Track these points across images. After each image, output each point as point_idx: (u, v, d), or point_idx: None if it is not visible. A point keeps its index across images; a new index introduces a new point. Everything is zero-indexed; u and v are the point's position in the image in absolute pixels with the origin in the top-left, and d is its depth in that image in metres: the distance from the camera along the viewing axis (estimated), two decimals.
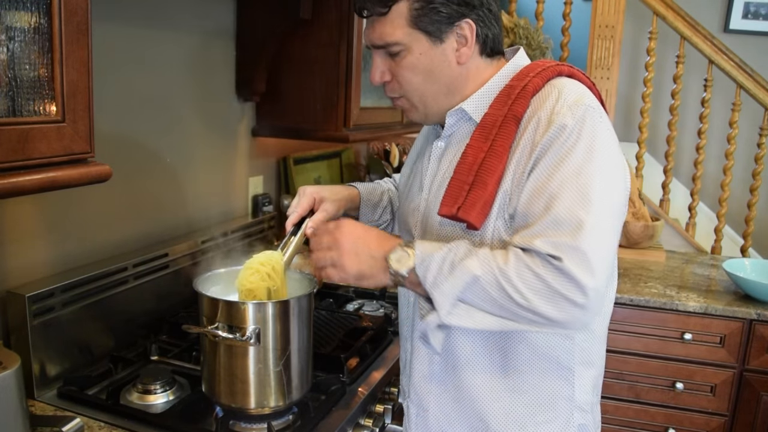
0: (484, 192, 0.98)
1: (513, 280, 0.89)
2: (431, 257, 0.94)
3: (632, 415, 2.29)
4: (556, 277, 0.88)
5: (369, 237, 1.00)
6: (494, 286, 0.90)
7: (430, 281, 0.93)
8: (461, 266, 0.91)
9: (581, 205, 0.90)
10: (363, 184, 1.35)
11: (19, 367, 1.01)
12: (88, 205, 1.43)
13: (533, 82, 1.01)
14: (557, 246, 0.88)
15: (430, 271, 0.93)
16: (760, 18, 3.60)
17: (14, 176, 0.80)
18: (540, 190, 0.93)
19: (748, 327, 2.15)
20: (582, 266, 0.87)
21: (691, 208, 3.11)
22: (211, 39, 1.78)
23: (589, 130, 0.94)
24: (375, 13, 1.03)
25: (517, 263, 0.90)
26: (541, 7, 3.04)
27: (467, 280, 0.91)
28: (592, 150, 0.93)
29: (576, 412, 1.10)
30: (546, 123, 0.96)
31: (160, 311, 1.58)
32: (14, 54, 0.80)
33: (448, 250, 0.93)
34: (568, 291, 0.88)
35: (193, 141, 1.77)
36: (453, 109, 1.08)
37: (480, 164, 0.99)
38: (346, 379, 1.39)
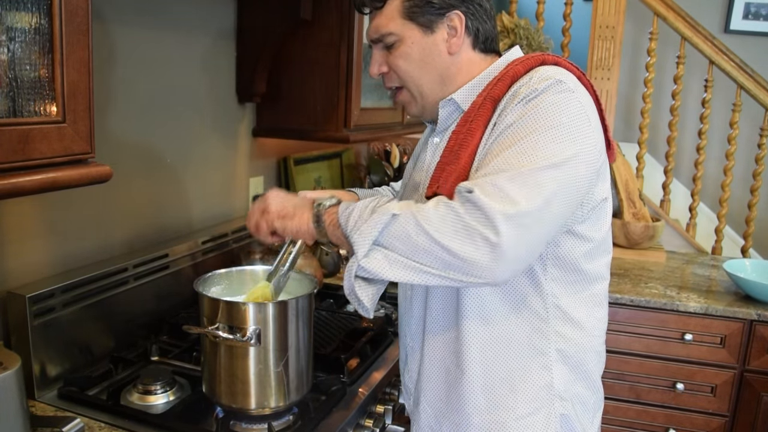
0: (457, 166, 1.00)
1: (428, 214, 0.88)
2: (354, 206, 0.97)
3: (633, 416, 2.29)
4: (467, 209, 0.86)
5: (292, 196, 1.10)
6: (411, 222, 0.89)
7: (351, 225, 0.94)
8: (381, 209, 0.93)
9: (517, 157, 0.89)
10: (363, 191, 1.37)
11: (19, 367, 1.01)
12: (88, 205, 1.43)
13: (515, 69, 1.05)
14: (475, 183, 0.88)
15: (352, 216, 0.95)
16: (761, 18, 3.59)
17: (15, 177, 0.80)
18: (489, 151, 0.96)
19: (749, 327, 2.14)
20: (496, 197, 0.85)
21: (691, 208, 3.11)
22: (211, 39, 1.78)
23: (553, 98, 0.95)
24: (372, 7, 1.11)
25: (436, 204, 0.91)
26: (542, 7, 3.04)
27: (385, 220, 0.90)
28: (549, 115, 0.93)
29: (557, 402, 1.09)
30: (514, 96, 1.00)
31: (161, 312, 1.58)
32: (15, 54, 0.80)
33: (371, 201, 0.97)
34: (479, 223, 0.85)
35: (193, 141, 1.77)
36: (444, 99, 1.12)
37: (459, 144, 1.03)
38: (347, 380, 1.39)
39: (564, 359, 1.09)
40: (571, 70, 1.06)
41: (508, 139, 0.94)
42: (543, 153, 0.90)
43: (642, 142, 3.09)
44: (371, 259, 0.91)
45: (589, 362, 1.14)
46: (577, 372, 1.11)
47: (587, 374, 1.14)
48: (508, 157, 0.90)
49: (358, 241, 0.91)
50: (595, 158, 0.97)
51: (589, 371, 1.14)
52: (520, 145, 0.91)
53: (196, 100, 1.76)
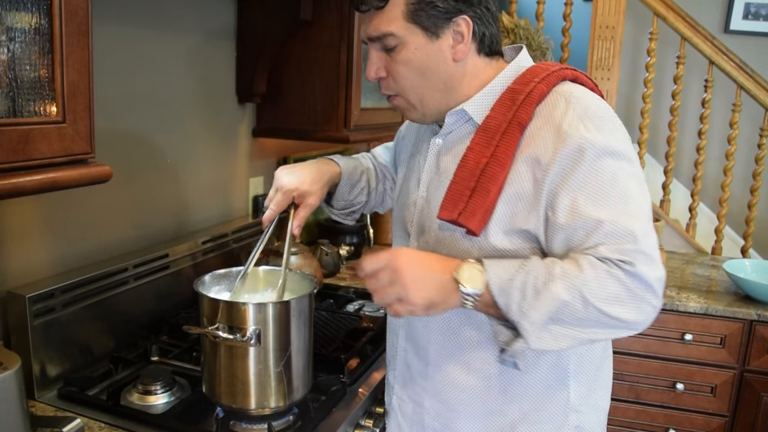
0: (486, 200, 0.97)
1: (596, 292, 0.89)
2: (511, 283, 0.92)
3: (633, 416, 2.29)
4: (634, 282, 0.90)
5: (430, 260, 0.96)
6: (580, 303, 0.90)
7: (515, 310, 0.91)
8: (546, 292, 0.90)
9: (626, 213, 0.92)
10: (343, 159, 1.31)
11: (19, 367, 1.01)
12: (88, 205, 1.43)
13: (538, 88, 1.00)
14: (624, 252, 0.90)
15: (513, 299, 0.91)
16: (761, 18, 3.59)
17: (15, 177, 0.80)
18: (582, 204, 0.93)
19: (749, 328, 2.14)
20: (650, 266, 0.91)
21: (691, 208, 3.11)
22: (211, 40, 1.78)
23: (605, 139, 0.94)
24: (372, 6, 1.02)
25: (594, 271, 0.90)
26: (542, 7, 3.04)
27: (556, 306, 0.90)
28: (615, 155, 0.94)
29: (572, 414, 1.09)
30: (555, 136, 0.95)
31: (161, 312, 1.58)
32: (15, 55, 0.80)
33: (526, 274, 0.91)
34: (645, 294, 0.91)
35: (193, 141, 1.77)
36: (454, 109, 1.07)
37: (482, 170, 0.98)
38: (347, 380, 1.39)
39: (583, 371, 1.09)
40: (587, 84, 1.06)
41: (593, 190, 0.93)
42: (639, 203, 0.94)
43: (642, 142, 3.09)
44: (541, 341, 0.92)
45: (606, 367, 1.16)
46: (595, 378, 1.12)
47: (604, 379, 1.16)
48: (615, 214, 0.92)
49: (529, 328, 0.91)
50: None
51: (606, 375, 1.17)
52: (616, 197, 0.92)
53: (196, 100, 1.76)
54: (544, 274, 0.91)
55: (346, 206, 1.33)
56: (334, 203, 1.32)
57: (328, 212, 1.36)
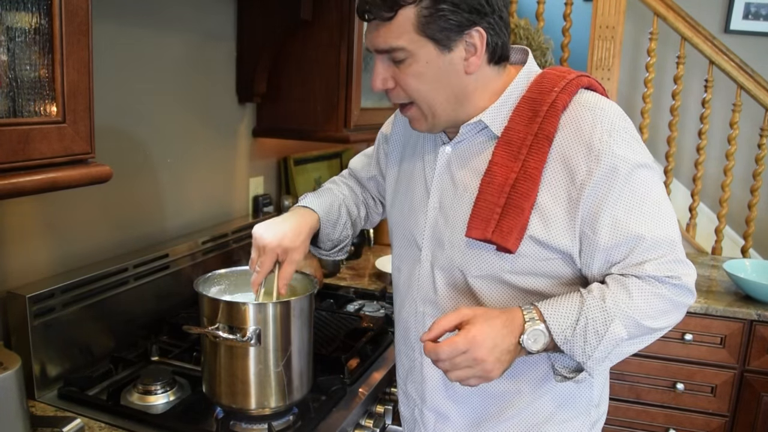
0: (521, 218, 0.97)
1: (647, 313, 0.96)
2: (573, 333, 0.94)
3: (633, 416, 2.29)
4: (680, 294, 0.99)
5: (500, 334, 0.93)
6: (636, 329, 0.96)
7: (579, 354, 0.95)
8: (607, 334, 0.94)
9: (661, 223, 0.97)
10: (318, 200, 1.25)
11: (19, 367, 1.01)
12: (88, 205, 1.43)
13: (560, 98, 0.98)
14: (668, 267, 0.97)
15: (577, 346, 0.95)
16: (761, 18, 3.59)
17: (15, 177, 0.80)
18: (622, 221, 0.96)
19: (749, 328, 2.14)
20: (689, 272, 0.99)
21: (691, 208, 3.11)
22: (211, 40, 1.78)
23: (635, 152, 0.97)
24: (380, 18, 0.96)
25: (642, 295, 0.96)
26: (542, 7, 3.04)
27: (615, 343, 0.95)
28: (644, 168, 0.97)
29: (593, 410, 1.13)
30: (587, 152, 0.95)
31: (161, 312, 1.58)
32: (15, 55, 0.80)
33: (585, 320, 0.94)
34: (686, 299, 1.00)
35: (193, 141, 1.77)
36: (470, 122, 1.04)
37: (512, 186, 0.97)
38: (347, 380, 1.39)
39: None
40: (600, 92, 1.06)
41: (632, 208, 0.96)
42: (668, 211, 0.99)
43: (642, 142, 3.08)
44: (602, 368, 0.98)
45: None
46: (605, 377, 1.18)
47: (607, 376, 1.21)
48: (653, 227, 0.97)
49: (592, 366, 0.97)
50: None
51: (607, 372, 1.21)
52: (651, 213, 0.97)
53: (196, 100, 1.76)
54: (603, 316, 0.94)
55: (334, 245, 1.29)
56: (322, 246, 1.27)
57: (317, 255, 1.31)
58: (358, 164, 1.41)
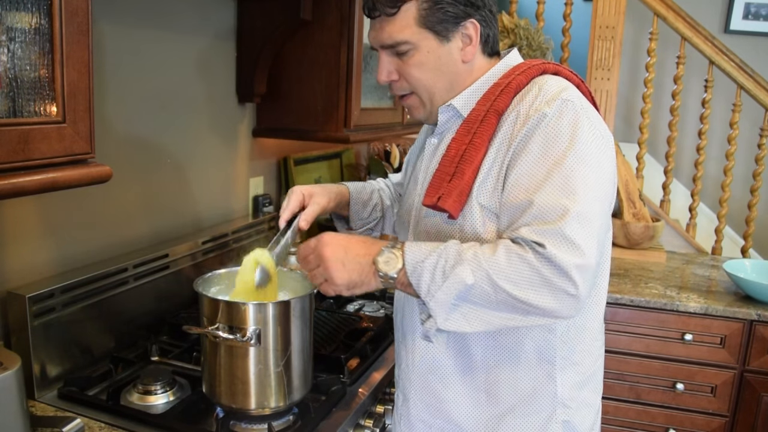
0: (461, 181, 1.01)
1: (505, 273, 0.89)
2: (422, 265, 0.94)
3: (633, 416, 2.29)
4: (548, 268, 0.88)
5: (352, 243, 1.00)
6: (488, 285, 0.90)
7: (424, 290, 0.94)
8: (453, 275, 0.91)
9: (564, 194, 0.91)
10: (353, 183, 1.38)
11: (19, 367, 1.01)
12: (88, 205, 1.43)
13: (517, 79, 1.05)
14: (541, 233, 0.90)
15: (423, 279, 0.93)
16: (761, 18, 3.59)
17: (15, 177, 0.80)
18: (523, 183, 0.96)
19: (749, 328, 2.14)
20: (567, 250, 0.88)
21: (691, 208, 3.11)
22: (211, 40, 1.78)
23: (567, 122, 0.96)
24: (384, 14, 1.05)
25: (507, 254, 0.90)
26: (542, 7, 3.04)
27: (460, 289, 0.91)
28: (572, 140, 0.95)
29: (559, 408, 1.10)
30: (524, 117, 1.00)
31: (161, 312, 1.58)
32: (15, 55, 0.80)
33: (437, 256, 0.93)
34: (558, 280, 0.89)
35: (193, 142, 1.77)
36: (443, 105, 1.12)
37: (461, 156, 1.03)
38: (347, 380, 1.39)
39: (571, 366, 1.10)
40: (571, 79, 1.08)
41: (537, 171, 0.94)
42: (582, 186, 0.92)
43: (642, 142, 3.09)
44: (451, 321, 0.94)
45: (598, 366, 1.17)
46: (585, 377, 1.13)
47: (595, 379, 1.17)
48: (551, 195, 0.91)
49: (436, 308, 0.93)
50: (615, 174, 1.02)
51: (597, 374, 1.18)
52: (556, 180, 0.92)
53: (196, 101, 1.76)
54: (454, 257, 0.92)
55: (363, 224, 1.38)
56: (352, 224, 1.38)
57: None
58: (396, 176, 1.50)
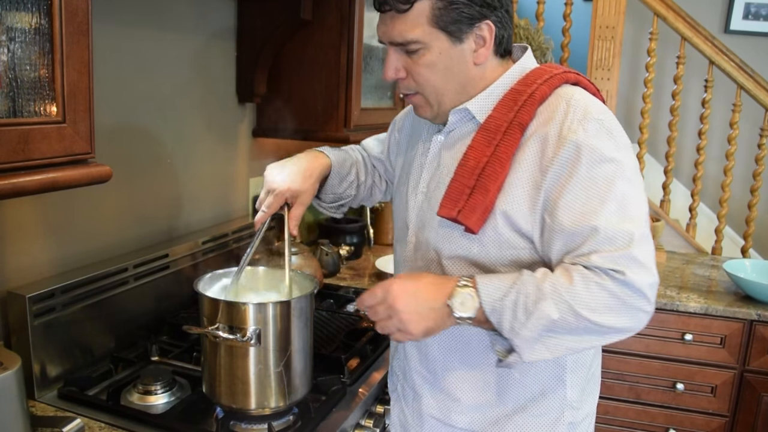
0: (485, 198, 0.98)
1: (586, 302, 0.91)
2: (501, 303, 0.93)
3: (633, 416, 2.29)
4: (627, 292, 0.91)
5: (421, 288, 0.97)
6: (571, 316, 0.92)
7: (506, 328, 0.94)
8: (537, 311, 0.91)
9: (624, 218, 0.93)
10: (333, 152, 1.31)
11: (19, 367, 1.01)
12: (88, 205, 1.43)
13: (540, 90, 1.01)
14: (615, 260, 0.92)
15: (505, 317, 0.93)
16: (761, 19, 3.59)
17: (15, 177, 0.80)
18: (578, 209, 0.94)
19: (749, 328, 2.14)
20: (641, 273, 0.92)
21: (691, 208, 3.11)
22: (211, 40, 1.78)
23: (607, 143, 0.96)
24: (395, 9, 1.00)
25: (585, 283, 0.92)
26: (542, 7, 3.04)
27: (545, 324, 0.92)
28: (616, 162, 0.95)
29: (567, 411, 1.11)
30: (557, 139, 0.96)
31: (161, 312, 1.58)
32: (15, 55, 0.80)
33: (516, 293, 0.93)
34: (636, 301, 0.92)
35: (193, 142, 1.77)
36: (457, 107, 1.08)
37: (482, 169, 0.99)
38: (347, 380, 1.39)
39: (579, 368, 1.11)
40: (589, 88, 1.06)
41: (590, 196, 0.94)
42: (636, 208, 0.95)
43: (642, 142, 3.09)
44: (534, 353, 0.94)
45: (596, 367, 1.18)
46: (588, 378, 1.14)
47: (595, 379, 1.18)
48: (613, 221, 0.93)
49: (521, 345, 0.94)
50: None
51: (597, 376, 1.19)
52: (612, 205, 0.93)
53: (196, 100, 1.76)
54: (535, 293, 0.92)
55: (335, 199, 1.34)
56: (323, 196, 1.33)
57: (316, 205, 1.35)
58: (371, 144, 1.46)
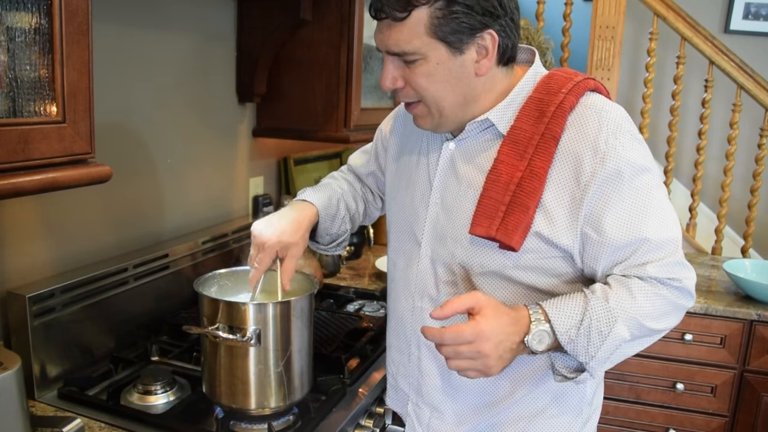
0: (525, 216, 0.97)
1: (649, 314, 0.97)
2: (577, 333, 0.94)
3: (633, 416, 2.29)
4: (680, 296, 1.00)
5: (507, 332, 0.92)
6: (638, 331, 0.97)
7: (582, 354, 0.96)
8: (611, 335, 0.95)
9: (665, 226, 0.98)
10: (316, 194, 1.26)
11: (19, 367, 1.01)
12: (88, 205, 1.43)
13: (568, 100, 0.99)
14: (669, 268, 0.98)
15: (580, 345, 0.95)
16: (761, 19, 3.59)
17: (15, 177, 0.80)
18: (625, 222, 0.97)
19: (749, 328, 2.14)
20: (690, 275, 1.01)
21: (691, 208, 3.11)
22: (211, 40, 1.78)
23: (638, 154, 0.98)
24: (392, 18, 0.95)
25: (646, 296, 0.97)
26: (542, 7, 3.04)
27: (618, 344, 0.96)
28: (649, 172, 0.98)
29: (585, 407, 1.13)
30: (594, 154, 0.96)
31: (161, 312, 1.58)
32: (15, 55, 0.80)
33: (589, 320, 0.94)
34: (686, 302, 1.01)
35: (193, 142, 1.77)
36: (477, 119, 1.04)
37: (517, 184, 0.97)
38: (347, 380, 1.39)
39: None
40: (605, 95, 1.06)
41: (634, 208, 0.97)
42: (670, 214, 1.00)
43: None
44: (603, 369, 0.99)
45: None
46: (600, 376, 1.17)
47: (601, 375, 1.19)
48: (658, 230, 0.97)
49: (595, 366, 0.97)
50: None
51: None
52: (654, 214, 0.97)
53: (196, 100, 1.76)
54: (606, 316, 0.95)
55: (332, 240, 1.30)
56: (320, 240, 1.29)
57: (315, 249, 1.33)
58: (357, 160, 1.41)
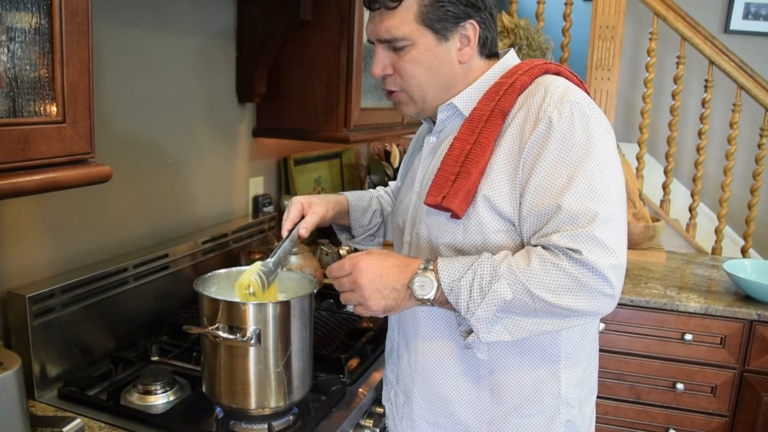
0: (467, 181, 1.01)
1: (542, 282, 0.92)
2: (458, 284, 0.95)
3: (633, 416, 2.29)
4: (583, 272, 0.91)
5: (386, 270, 1.00)
6: (526, 297, 0.93)
7: (463, 308, 0.95)
8: (491, 291, 0.94)
9: (590, 198, 0.93)
10: (352, 192, 1.39)
11: (19, 367, 1.01)
12: (88, 205, 1.43)
13: (521, 79, 1.05)
14: (574, 238, 0.92)
15: (461, 298, 0.95)
16: (761, 18, 3.59)
17: (15, 177, 0.80)
18: (545, 189, 0.96)
19: (749, 328, 2.14)
20: (600, 253, 0.91)
21: (691, 208, 3.11)
22: (211, 40, 1.78)
23: (580, 125, 0.97)
24: (385, 6, 1.05)
25: (542, 264, 0.93)
26: (542, 7, 3.04)
27: (500, 304, 0.94)
28: (588, 144, 0.96)
29: (563, 408, 1.11)
30: (534, 120, 0.99)
31: (161, 312, 1.58)
32: (15, 55, 0.80)
33: (473, 273, 0.95)
34: (594, 282, 0.92)
35: (193, 142, 1.77)
36: (444, 104, 1.12)
37: (466, 156, 1.02)
38: (347, 380, 1.39)
39: (575, 365, 1.11)
40: (571, 80, 1.09)
41: (558, 176, 0.95)
42: (604, 188, 0.94)
43: (642, 142, 3.09)
44: (493, 334, 0.97)
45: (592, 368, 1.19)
46: (585, 376, 1.14)
47: (593, 377, 1.18)
48: (578, 200, 0.93)
49: (477, 324, 0.96)
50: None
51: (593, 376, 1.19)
52: (579, 185, 0.94)
53: (196, 100, 1.76)
54: (490, 273, 0.94)
55: (364, 231, 1.39)
56: (354, 232, 1.39)
57: (350, 243, 1.42)
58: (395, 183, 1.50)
